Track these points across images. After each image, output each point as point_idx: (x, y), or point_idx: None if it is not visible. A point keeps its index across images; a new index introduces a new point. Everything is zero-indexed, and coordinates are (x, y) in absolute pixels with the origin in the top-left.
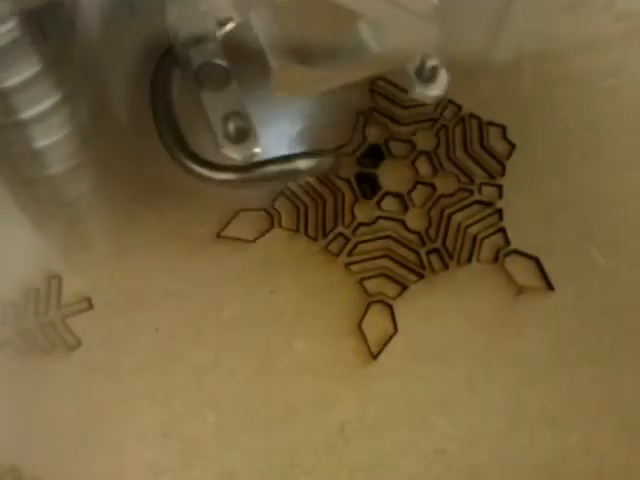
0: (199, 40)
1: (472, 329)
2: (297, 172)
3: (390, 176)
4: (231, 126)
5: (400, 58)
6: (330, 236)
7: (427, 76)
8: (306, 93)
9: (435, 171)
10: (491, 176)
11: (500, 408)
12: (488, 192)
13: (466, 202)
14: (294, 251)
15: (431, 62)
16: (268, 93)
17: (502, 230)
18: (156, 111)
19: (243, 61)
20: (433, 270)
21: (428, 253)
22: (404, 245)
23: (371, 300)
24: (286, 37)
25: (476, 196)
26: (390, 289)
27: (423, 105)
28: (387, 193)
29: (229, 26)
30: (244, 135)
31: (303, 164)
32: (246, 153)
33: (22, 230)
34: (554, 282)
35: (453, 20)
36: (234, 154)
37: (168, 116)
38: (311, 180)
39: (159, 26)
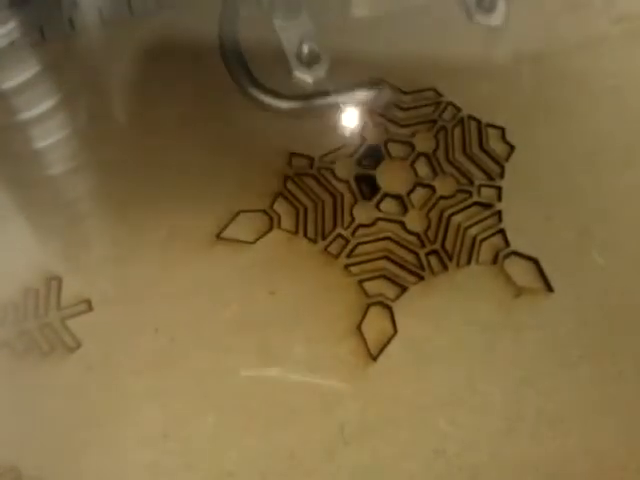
0: None
1: (471, 330)
2: (356, 102)
3: (389, 178)
4: (305, 49)
5: None
6: (329, 237)
7: (487, 6)
8: (385, 9)
9: (434, 173)
10: (490, 178)
11: (500, 408)
12: (487, 194)
13: (465, 204)
14: (293, 252)
15: None
16: (338, 23)
17: (501, 231)
18: (224, 44)
19: None
20: (432, 271)
21: (427, 254)
22: (403, 246)
23: (370, 301)
24: None
25: (475, 198)
26: (389, 290)
27: (422, 107)
28: (386, 195)
29: None
30: (315, 59)
31: (362, 95)
32: (317, 76)
33: (22, 231)
34: (553, 283)
35: (452, 21)
36: (306, 77)
37: (236, 49)
38: (310, 181)
39: (159, 24)
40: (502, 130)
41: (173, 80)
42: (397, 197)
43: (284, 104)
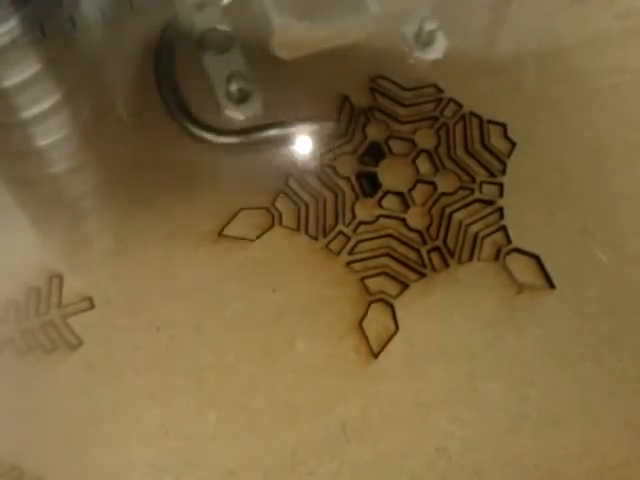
0: (202, 6)
1: (473, 327)
2: (297, 136)
3: (391, 174)
4: (233, 87)
5: (398, 18)
6: (331, 235)
7: (425, 40)
8: (306, 52)
9: (436, 169)
10: (492, 174)
11: (501, 407)
12: (489, 190)
13: (467, 200)
14: (295, 250)
15: (429, 26)
16: (269, 57)
17: (503, 228)
18: (160, 80)
19: (244, 27)
20: (434, 268)
21: (429, 251)
22: (405, 243)
23: (372, 299)
24: None
25: (477, 194)
26: (391, 288)
27: (424, 103)
28: (388, 192)
29: None
30: (246, 96)
31: (304, 129)
32: (248, 113)
33: (23, 230)
34: (555, 280)
35: (453, 18)
36: (237, 114)
37: (171, 84)
38: (312, 179)
39: (160, 20)
40: (504, 127)
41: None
42: (398, 194)
43: (220, 139)
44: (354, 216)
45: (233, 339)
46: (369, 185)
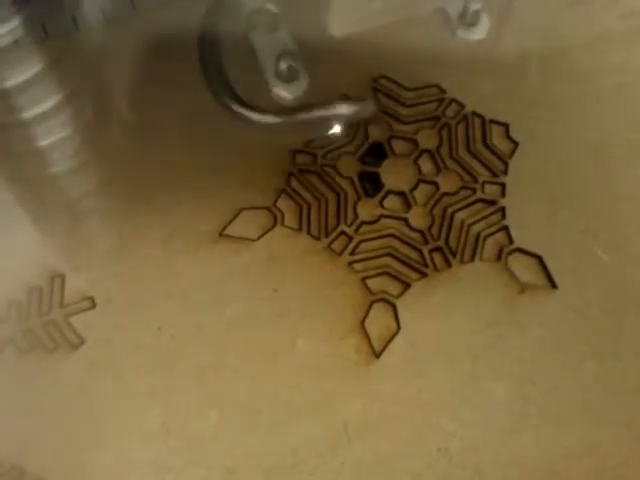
0: None
1: (475, 327)
2: (339, 117)
3: (393, 174)
4: (283, 66)
5: None
6: (333, 235)
7: (469, 21)
8: (360, 28)
9: (438, 169)
10: (494, 174)
11: (503, 406)
12: (491, 190)
13: (469, 200)
14: (297, 250)
15: (475, 6)
16: (317, 37)
17: (505, 228)
18: (205, 62)
19: (293, 6)
20: (436, 268)
21: (431, 251)
22: (407, 243)
23: (374, 299)
24: None
25: (479, 194)
26: (393, 287)
27: (426, 103)
28: (390, 191)
29: None
30: (294, 75)
31: (345, 109)
32: (296, 92)
33: (25, 229)
34: (557, 280)
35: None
36: (285, 93)
37: (217, 65)
38: (313, 178)
39: (161, 21)
40: (506, 127)
41: (175, 78)
42: (400, 194)
43: (266, 119)
44: (356, 216)
45: (234, 339)
46: (371, 185)
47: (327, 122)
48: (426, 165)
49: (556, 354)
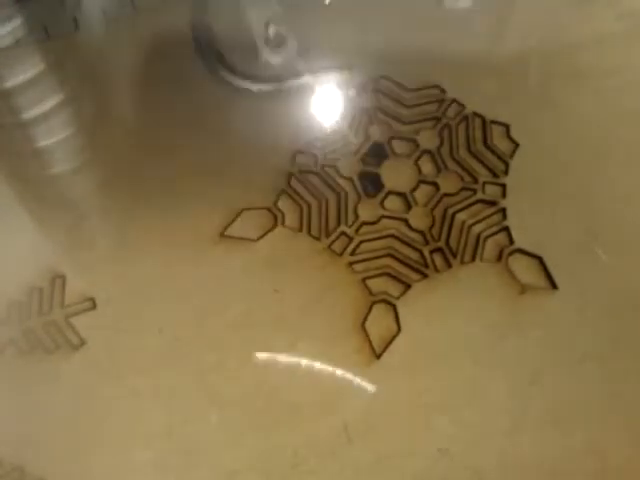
0: None
1: (475, 328)
2: (328, 83)
3: (393, 175)
4: (271, 31)
5: None
6: (333, 235)
7: None
8: None
9: (438, 170)
10: (495, 175)
11: (503, 407)
12: (492, 191)
13: (469, 201)
14: (297, 250)
15: None
16: (307, 2)
17: (506, 229)
18: (196, 30)
19: None
20: (436, 269)
21: (431, 252)
22: (407, 244)
23: (374, 299)
24: None
25: (479, 195)
26: (393, 288)
27: (427, 104)
28: (390, 192)
29: None
30: (283, 40)
31: (333, 76)
32: (284, 57)
33: (26, 230)
34: (558, 281)
35: (457, 18)
36: (273, 58)
37: (207, 34)
38: (314, 178)
39: (162, 21)
40: (506, 127)
41: (175, 78)
42: (401, 195)
43: (255, 86)
44: (356, 217)
45: (235, 339)
46: (372, 186)
47: (315, 90)
48: (427, 166)
49: (557, 354)
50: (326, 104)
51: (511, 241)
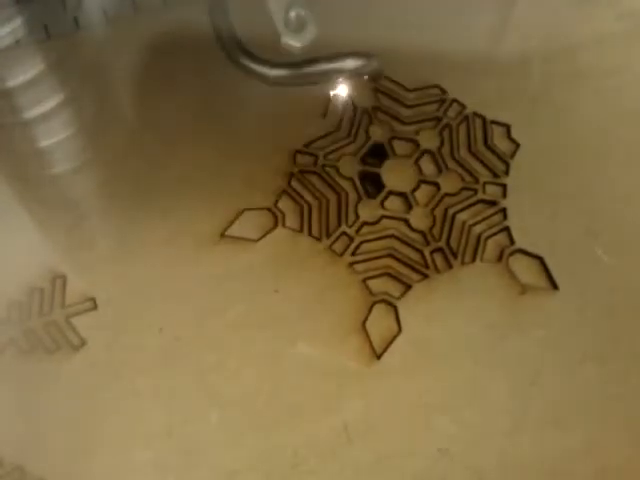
0: None
1: (476, 328)
2: (344, 71)
3: (394, 175)
4: (292, 15)
5: None
6: (334, 235)
7: None
8: None
9: (439, 170)
10: (495, 175)
11: (504, 408)
12: (492, 191)
13: (470, 201)
14: (298, 250)
15: None
16: None
17: (506, 229)
18: (215, 17)
19: None
20: (437, 269)
21: (432, 252)
22: (408, 244)
23: (375, 300)
24: None
25: (480, 195)
26: (394, 289)
27: (427, 104)
28: (391, 192)
29: None
30: (303, 25)
31: (351, 63)
32: (304, 41)
33: (27, 230)
34: (558, 281)
35: (458, 18)
36: (294, 42)
37: (226, 19)
38: (314, 179)
39: (162, 21)
40: (507, 127)
41: (176, 78)
42: (401, 195)
43: (274, 72)
44: (357, 217)
45: (235, 340)
46: (372, 186)
47: (333, 76)
48: (427, 166)
49: (557, 355)
50: (327, 104)
51: (512, 241)
